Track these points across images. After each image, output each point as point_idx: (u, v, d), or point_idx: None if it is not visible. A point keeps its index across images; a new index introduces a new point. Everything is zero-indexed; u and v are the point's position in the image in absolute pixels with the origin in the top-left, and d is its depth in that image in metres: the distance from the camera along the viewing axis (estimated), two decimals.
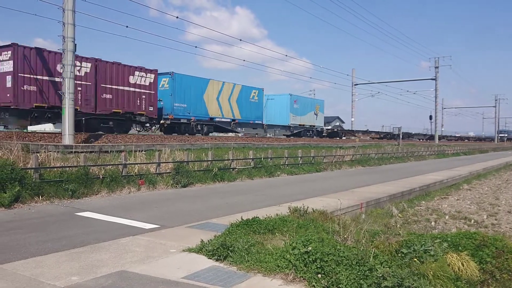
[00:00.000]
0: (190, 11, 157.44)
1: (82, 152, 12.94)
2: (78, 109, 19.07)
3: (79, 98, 19.57)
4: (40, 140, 15.72)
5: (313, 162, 22.49)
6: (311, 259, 5.03)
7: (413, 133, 68.95)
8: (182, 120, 26.56)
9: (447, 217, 12.32)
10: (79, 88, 19.44)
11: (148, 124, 24.80)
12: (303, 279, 4.98)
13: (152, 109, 23.78)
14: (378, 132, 59.19)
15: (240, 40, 70.82)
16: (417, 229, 10.29)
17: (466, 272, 5.18)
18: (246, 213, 8.35)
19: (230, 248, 5.74)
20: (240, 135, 32.84)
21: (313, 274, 4.93)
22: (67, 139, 15.82)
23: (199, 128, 27.84)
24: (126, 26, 19.87)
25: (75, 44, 16.16)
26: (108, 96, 21.40)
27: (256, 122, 33.59)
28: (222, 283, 4.87)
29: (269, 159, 19.64)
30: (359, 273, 4.73)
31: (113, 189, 11.96)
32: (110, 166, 12.80)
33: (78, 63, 18.82)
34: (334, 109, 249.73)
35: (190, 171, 14.63)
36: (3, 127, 19.07)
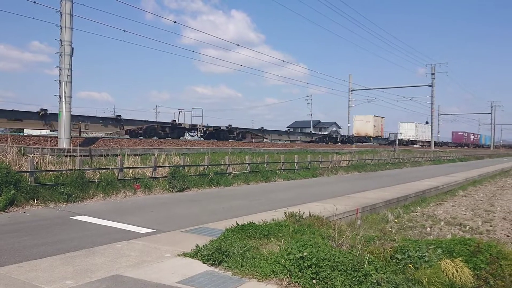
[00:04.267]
0: (187, 15, 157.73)
1: (78, 156, 12.90)
2: None
3: None
4: (35, 144, 15.67)
5: (309, 167, 22.52)
6: (306, 265, 5.03)
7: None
8: None
9: (442, 223, 12.35)
10: None
11: None
12: (298, 284, 4.97)
13: None
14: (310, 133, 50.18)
15: (237, 45, 71.14)
16: (412, 235, 10.31)
17: (460, 278, 5.20)
18: (242, 218, 8.34)
19: (225, 253, 5.73)
20: None
21: (308, 279, 4.93)
22: (63, 143, 15.79)
23: None
24: (123, 30, 19.96)
25: (73, 48, 16.17)
26: None
27: None
28: None
29: (265, 164, 19.66)
30: (354, 279, 4.73)
31: (109, 193, 11.93)
32: (106, 170, 12.77)
33: None
34: (330, 115, 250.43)
35: (186, 176, 14.61)
36: None
